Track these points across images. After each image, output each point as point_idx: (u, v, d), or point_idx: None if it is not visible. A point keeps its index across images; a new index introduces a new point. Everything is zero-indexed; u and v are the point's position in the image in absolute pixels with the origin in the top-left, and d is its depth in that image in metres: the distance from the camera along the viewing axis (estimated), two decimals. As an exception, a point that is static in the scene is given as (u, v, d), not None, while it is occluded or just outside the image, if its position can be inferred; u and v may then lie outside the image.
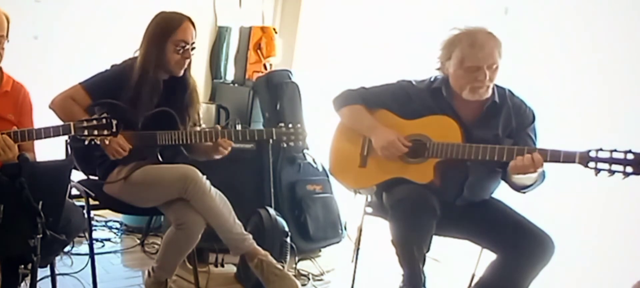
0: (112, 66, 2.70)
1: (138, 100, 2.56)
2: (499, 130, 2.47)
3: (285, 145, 2.64)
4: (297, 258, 3.35)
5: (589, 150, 2.16)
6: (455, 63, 2.41)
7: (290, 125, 2.64)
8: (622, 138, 2.85)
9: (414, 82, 2.61)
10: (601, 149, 2.14)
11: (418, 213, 2.33)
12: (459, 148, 2.39)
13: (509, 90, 2.53)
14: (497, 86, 2.48)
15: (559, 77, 3.17)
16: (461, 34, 2.42)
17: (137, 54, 2.66)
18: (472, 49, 2.36)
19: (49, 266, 2.39)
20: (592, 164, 2.15)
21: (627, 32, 2.91)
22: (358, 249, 2.88)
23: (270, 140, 2.65)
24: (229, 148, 2.64)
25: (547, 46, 3.17)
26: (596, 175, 2.13)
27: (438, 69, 2.54)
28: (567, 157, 2.21)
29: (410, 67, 3.71)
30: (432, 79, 2.58)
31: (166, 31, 2.59)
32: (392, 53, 3.95)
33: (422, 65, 3.65)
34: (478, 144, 2.35)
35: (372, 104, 2.62)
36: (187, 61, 2.65)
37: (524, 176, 2.31)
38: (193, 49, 2.64)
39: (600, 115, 3.03)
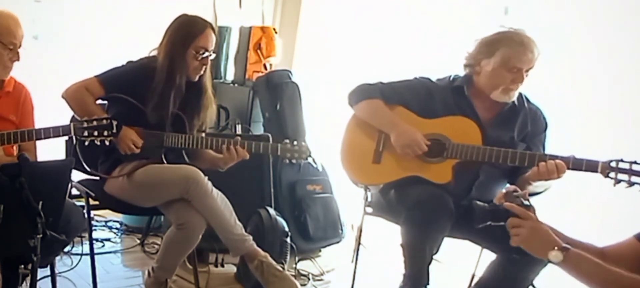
0: (128, 62, 2.70)
1: (164, 103, 2.57)
2: (515, 133, 2.48)
3: (287, 161, 2.61)
4: (297, 258, 3.35)
5: (610, 161, 2.16)
6: (497, 61, 2.39)
7: (295, 143, 2.60)
8: (623, 138, 2.86)
9: (434, 80, 2.60)
10: (622, 160, 2.14)
11: (436, 217, 2.33)
12: (479, 151, 2.38)
13: (525, 96, 2.53)
14: None
15: (559, 77, 3.16)
16: (508, 33, 2.42)
17: (153, 53, 2.66)
18: (522, 47, 2.36)
19: (49, 266, 2.39)
20: (612, 174, 2.15)
21: (628, 31, 2.91)
22: (358, 249, 2.88)
23: (270, 138, 2.62)
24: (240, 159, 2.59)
25: (547, 46, 3.17)
26: (614, 185, 2.13)
27: (467, 66, 2.51)
28: (589, 166, 2.21)
29: (411, 67, 3.71)
30: (451, 77, 2.58)
31: (188, 36, 2.58)
32: (392, 53, 3.95)
33: (423, 64, 3.67)
34: (499, 148, 2.34)
35: (391, 100, 2.59)
36: (205, 68, 2.66)
37: (543, 183, 2.31)
38: (211, 56, 2.64)
39: (601, 115, 3.03)
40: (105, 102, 2.66)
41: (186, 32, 2.60)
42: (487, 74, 2.43)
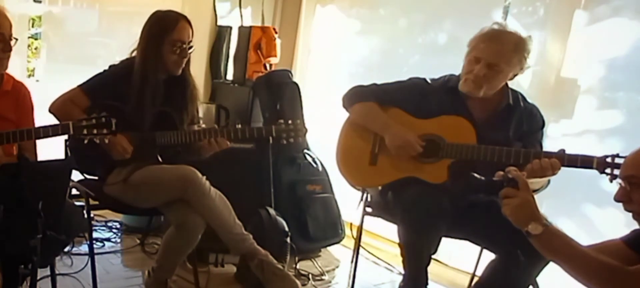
0: (110, 66, 2.69)
1: (141, 102, 2.55)
2: (510, 132, 2.47)
3: (285, 141, 2.58)
4: (297, 258, 3.35)
5: (606, 156, 2.14)
6: (466, 53, 2.41)
7: (289, 122, 2.58)
8: (623, 138, 2.86)
9: (428, 80, 2.60)
10: (618, 155, 2.11)
11: (431, 217, 2.32)
12: (474, 150, 2.37)
13: (521, 94, 2.52)
14: (511, 89, 2.48)
15: (559, 77, 3.16)
16: (489, 26, 2.42)
17: (134, 54, 2.66)
18: (481, 40, 2.36)
19: (49, 266, 2.39)
20: (608, 170, 2.13)
21: (629, 31, 2.91)
22: (358, 249, 2.88)
23: (270, 139, 2.60)
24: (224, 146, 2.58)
25: (546, 46, 3.17)
26: (611, 181, 2.10)
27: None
28: (584, 162, 2.20)
29: (411, 66, 3.71)
30: (446, 78, 2.58)
31: (162, 32, 2.57)
32: (392, 53, 3.95)
33: (423, 63, 3.67)
34: (493, 146, 2.34)
35: (385, 102, 2.58)
36: (185, 60, 2.64)
37: (537, 180, 2.30)
38: (190, 47, 2.62)
39: (602, 114, 3.03)
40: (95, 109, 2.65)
41: (159, 28, 2.58)
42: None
